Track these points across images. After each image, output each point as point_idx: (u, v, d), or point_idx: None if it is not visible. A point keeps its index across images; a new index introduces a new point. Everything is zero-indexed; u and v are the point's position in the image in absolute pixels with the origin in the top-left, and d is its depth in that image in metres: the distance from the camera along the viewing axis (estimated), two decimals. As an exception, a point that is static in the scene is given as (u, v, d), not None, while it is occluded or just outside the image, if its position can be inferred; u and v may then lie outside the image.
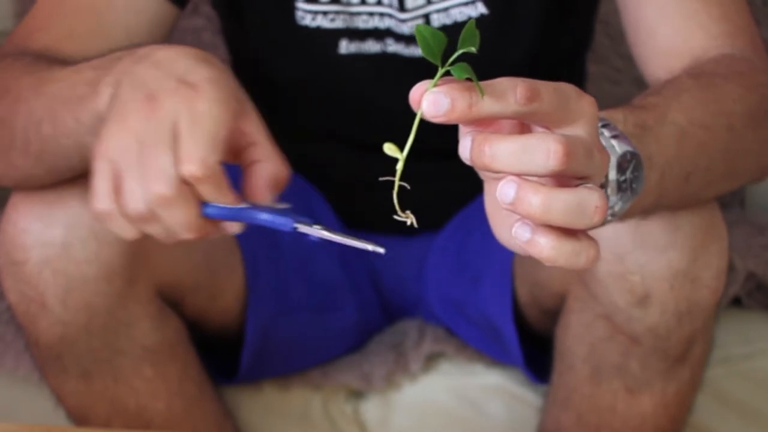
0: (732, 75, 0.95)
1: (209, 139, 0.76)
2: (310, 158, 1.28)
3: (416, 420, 1.25)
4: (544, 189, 0.65)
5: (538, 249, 0.66)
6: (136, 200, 0.77)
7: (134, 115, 0.77)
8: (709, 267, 0.98)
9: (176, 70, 0.79)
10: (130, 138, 0.76)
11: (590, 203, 0.65)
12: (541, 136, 0.65)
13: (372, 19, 1.15)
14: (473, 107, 0.65)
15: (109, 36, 1.06)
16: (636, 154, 0.76)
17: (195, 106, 0.76)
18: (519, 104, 0.65)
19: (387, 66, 1.17)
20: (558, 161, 0.64)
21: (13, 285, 0.99)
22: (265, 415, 1.24)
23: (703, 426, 1.25)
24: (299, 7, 1.15)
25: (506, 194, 0.65)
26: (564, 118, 0.67)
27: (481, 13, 1.14)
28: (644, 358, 1.03)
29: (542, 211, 0.65)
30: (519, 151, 0.65)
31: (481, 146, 0.65)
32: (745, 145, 0.94)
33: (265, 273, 1.17)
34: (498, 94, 0.65)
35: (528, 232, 0.66)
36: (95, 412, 1.08)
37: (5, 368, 1.27)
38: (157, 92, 0.77)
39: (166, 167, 0.75)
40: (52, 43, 1.03)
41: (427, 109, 0.65)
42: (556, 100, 0.66)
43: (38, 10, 1.07)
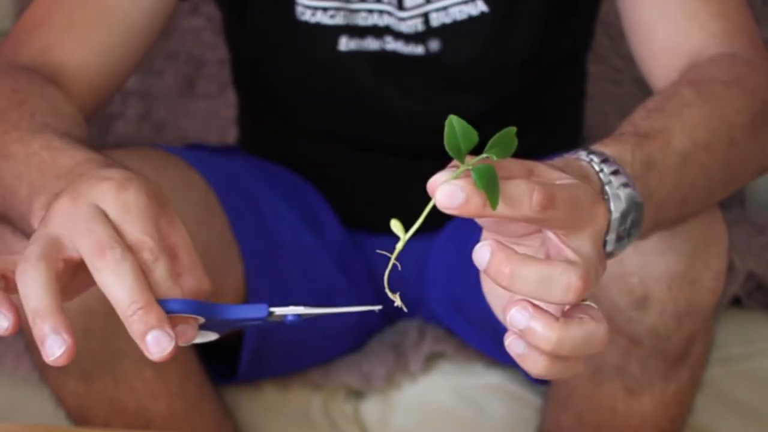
0: (733, 79, 0.95)
1: (150, 224, 0.71)
2: (310, 157, 1.28)
3: (416, 420, 1.25)
4: (558, 326, 0.65)
5: (530, 365, 0.67)
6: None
7: (53, 212, 0.72)
8: (708, 269, 0.98)
9: (97, 188, 0.73)
10: (51, 235, 0.71)
11: (597, 338, 0.66)
12: (564, 269, 0.65)
13: (371, 16, 1.15)
14: (486, 208, 0.64)
15: (109, 27, 1.06)
16: (639, 204, 0.76)
17: (122, 197, 0.72)
18: (533, 212, 0.65)
19: (386, 63, 1.17)
20: (576, 296, 0.65)
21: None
22: (265, 415, 1.24)
23: (703, 426, 1.25)
24: (299, 2, 1.15)
25: (518, 321, 0.66)
26: (574, 227, 0.67)
27: (481, 11, 1.14)
28: (644, 359, 1.03)
29: (553, 347, 0.65)
30: (540, 280, 0.65)
31: (501, 265, 0.65)
32: (745, 154, 0.94)
33: (264, 272, 1.17)
34: (514, 199, 0.65)
35: (521, 348, 0.67)
36: (95, 413, 1.08)
37: (5, 368, 1.27)
38: (77, 190, 0.73)
39: (108, 233, 0.70)
40: (52, 38, 1.03)
41: (441, 199, 0.65)
42: (570, 210, 0.66)
43: (35, 6, 1.07)
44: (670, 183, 0.83)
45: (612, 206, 0.74)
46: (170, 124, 1.65)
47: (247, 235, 1.16)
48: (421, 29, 1.15)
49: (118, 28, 1.06)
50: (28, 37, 1.04)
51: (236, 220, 1.15)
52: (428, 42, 1.16)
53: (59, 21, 1.05)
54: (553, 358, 0.67)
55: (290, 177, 1.28)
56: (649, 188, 0.80)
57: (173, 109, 1.65)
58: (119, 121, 1.64)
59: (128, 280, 0.69)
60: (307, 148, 1.27)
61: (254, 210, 1.20)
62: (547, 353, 0.66)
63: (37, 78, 0.99)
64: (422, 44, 1.16)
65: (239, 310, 0.72)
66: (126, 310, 0.69)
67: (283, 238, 1.21)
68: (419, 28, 1.15)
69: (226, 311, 0.72)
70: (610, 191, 0.74)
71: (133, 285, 0.69)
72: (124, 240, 0.71)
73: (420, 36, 1.15)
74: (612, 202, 0.74)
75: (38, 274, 0.70)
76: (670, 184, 0.84)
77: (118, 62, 1.07)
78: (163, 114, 1.66)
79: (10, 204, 0.87)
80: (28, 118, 0.90)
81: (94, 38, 1.05)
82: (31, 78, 0.98)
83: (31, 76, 0.99)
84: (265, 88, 1.27)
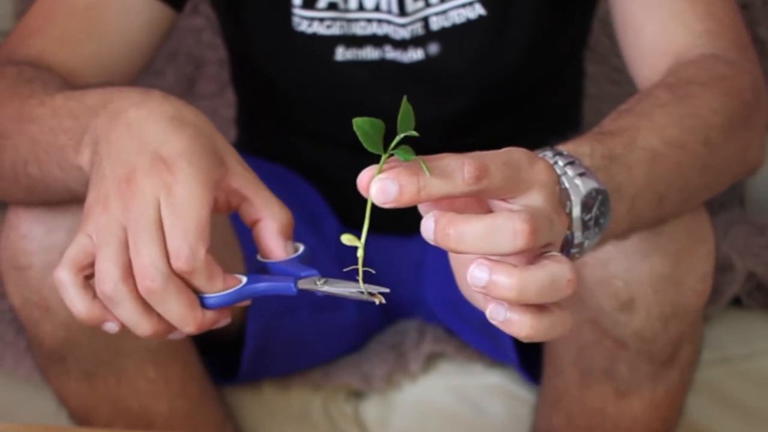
0: (712, 81, 0.94)
1: (193, 230, 0.74)
2: (308, 158, 1.28)
3: (416, 420, 1.25)
4: (517, 271, 0.64)
5: (516, 328, 0.66)
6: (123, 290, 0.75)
7: (114, 197, 0.75)
8: (694, 271, 0.97)
9: (149, 139, 0.77)
10: (113, 224, 0.75)
11: (562, 278, 0.66)
12: (506, 217, 0.64)
13: (370, 25, 1.15)
14: (422, 191, 0.64)
15: (105, 39, 1.06)
16: (602, 191, 0.75)
17: (173, 191, 0.74)
18: (468, 183, 0.64)
19: (385, 72, 1.17)
20: (525, 240, 0.64)
21: (17, 289, 0.99)
22: (265, 415, 1.24)
23: (703, 426, 1.25)
24: (296, 12, 1.15)
25: (478, 278, 0.65)
26: (517, 188, 0.67)
27: (479, 14, 1.14)
28: (632, 362, 1.03)
29: (517, 293, 0.64)
30: (485, 232, 0.64)
31: (445, 229, 0.65)
32: (723, 155, 0.93)
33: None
34: (446, 174, 0.64)
35: (502, 313, 0.66)
36: (98, 413, 1.08)
37: (5, 368, 1.27)
38: (134, 172, 0.75)
39: (154, 260, 0.74)
40: (46, 47, 1.03)
41: (376, 196, 0.65)
42: (506, 173, 0.66)
43: (34, 13, 1.07)
44: (640, 178, 0.82)
45: (571, 196, 0.73)
46: (170, 124, 1.65)
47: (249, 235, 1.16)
48: (421, 33, 1.15)
49: (113, 41, 1.06)
50: (23, 43, 1.05)
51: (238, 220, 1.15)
52: (428, 46, 1.16)
53: (55, 30, 1.05)
54: (535, 314, 0.66)
55: (289, 176, 1.28)
56: (614, 181, 0.79)
57: (173, 109, 1.65)
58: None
59: (173, 306, 0.75)
60: (305, 149, 1.27)
61: None
62: (517, 302, 0.65)
63: (41, 68, 0.99)
64: (422, 48, 1.16)
65: (269, 287, 0.78)
66: (182, 329, 0.76)
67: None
68: (419, 32, 1.15)
69: (258, 291, 0.78)
70: (567, 182, 0.74)
71: (179, 309, 0.75)
72: (167, 245, 0.74)
73: (420, 40, 1.15)
74: (571, 192, 0.73)
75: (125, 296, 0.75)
76: (641, 180, 0.83)
77: (112, 74, 1.07)
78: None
79: (46, 161, 0.87)
80: (41, 86, 0.91)
81: (89, 50, 1.05)
82: (33, 66, 0.99)
83: (32, 66, 0.99)
84: (263, 91, 1.27)
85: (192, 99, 1.65)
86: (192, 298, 0.75)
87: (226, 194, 0.79)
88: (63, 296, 0.77)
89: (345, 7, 1.15)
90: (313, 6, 1.15)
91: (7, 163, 0.92)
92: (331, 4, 1.15)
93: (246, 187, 0.80)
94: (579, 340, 1.04)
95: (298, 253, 0.80)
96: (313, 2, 1.15)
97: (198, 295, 0.76)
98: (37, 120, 0.88)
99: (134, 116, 0.79)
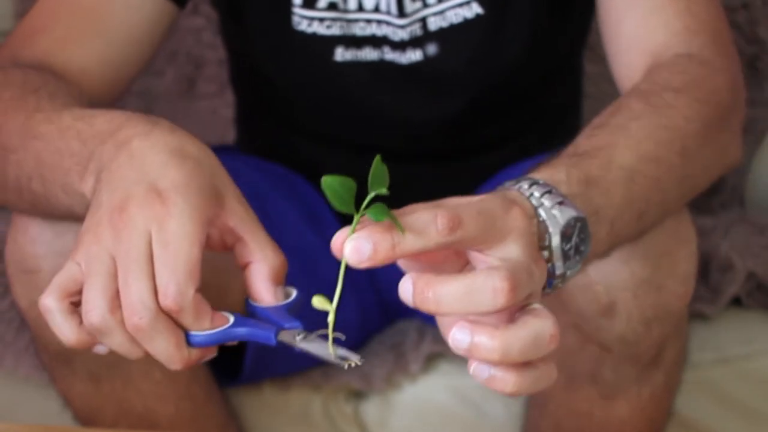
0: (686, 86, 0.93)
1: (183, 269, 0.73)
2: (308, 157, 1.28)
3: (416, 420, 1.25)
4: (499, 333, 0.64)
5: (501, 386, 0.66)
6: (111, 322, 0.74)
7: (106, 226, 0.74)
8: (675, 273, 0.97)
9: (148, 170, 0.76)
10: (103, 253, 0.74)
11: (545, 335, 0.65)
12: (485, 275, 0.64)
13: (369, 26, 1.15)
14: (396, 247, 0.64)
15: (109, 36, 1.06)
16: (581, 218, 0.74)
17: (165, 226, 0.73)
18: (442, 236, 0.64)
19: (383, 73, 1.17)
20: (505, 298, 0.64)
21: (25, 293, 0.99)
22: (266, 415, 1.24)
23: (703, 426, 1.25)
24: (296, 12, 1.15)
25: (460, 341, 0.64)
26: (492, 238, 0.66)
27: (476, 13, 1.14)
28: (616, 365, 1.03)
29: (500, 355, 0.64)
30: (464, 293, 0.64)
31: (424, 292, 0.64)
32: (700, 162, 0.92)
33: None
34: (419, 229, 0.64)
35: (486, 371, 0.66)
36: (103, 414, 1.08)
37: (5, 368, 1.27)
38: (127, 202, 0.74)
39: (142, 297, 0.73)
40: (51, 46, 1.03)
41: (351, 256, 0.64)
42: (481, 223, 0.65)
43: (37, 11, 1.07)
44: (618, 199, 0.81)
45: (550, 228, 0.72)
46: (170, 124, 1.65)
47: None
48: (419, 34, 1.15)
49: (118, 38, 1.06)
50: (29, 42, 1.04)
51: None
52: (426, 46, 1.16)
53: (59, 29, 1.04)
54: (519, 371, 0.65)
55: (290, 176, 1.28)
56: (593, 205, 0.78)
57: (173, 109, 1.65)
58: (119, 121, 1.63)
59: (160, 344, 0.73)
60: (305, 149, 1.27)
61: (258, 209, 1.20)
62: (501, 363, 0.64)
63: (47, 72, 0.99)
64: (420, 49, 1.16)
65: (250, 333, 0.76)
66: (167, 366, 0.75)
67: (287, 238, 1.21)
68: (418, 33, 1.15)
69: (239, 335, 0.76)
70: (545, 213, 0.72)
71: (166, 347, 0.74)
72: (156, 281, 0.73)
73: (418, 40, 1.15)
74: (548, 223, 0.72)
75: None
76: (620, 200, 0.82)
77: (118, 70, 1.07)
78: (163, 114, 1.65)
79: (51, 181, 0.87)
80: (47, 99, 0.91)
81: (94, 47, 1.05)
82: (39, 71, 0.98)
83: (38, 70, 0.99)
84: (262, 91, 1.27)
85: (192, 99, 1.66)
86: (179, 337, 0.74)
87: (221, 232, 0.78)
88: (49, 323, 0.77)
89: (345, 8, 1.15)
90: (313, 6, 1.15)
91: (11, 176, 0.91)
92: (331, 4, 1.15)
93: (241, 227, 0.78)
94: (563, 345, 1.03)
95: (287, 302, 0.79)
96: (313, 2, 1.15)
97: (184, 332, 0.75)
98: (43, 137, 0.87)
99: (137, 146, 0.78)
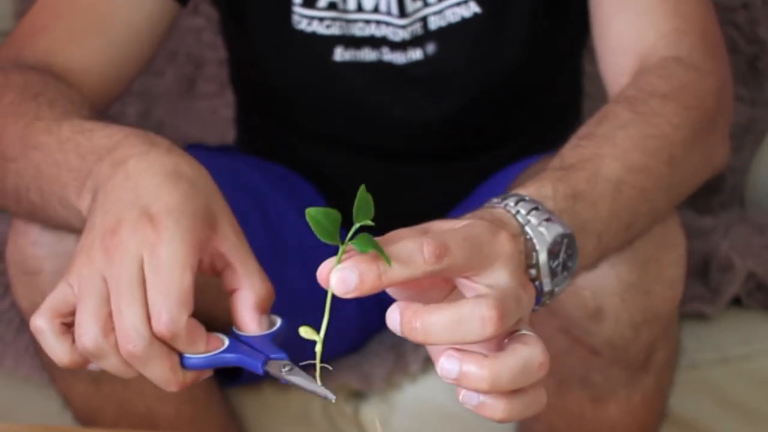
0: (673, 92, 0.93)
1: (175, 296, 0.72)
2: (307, 157, 1.28)
3: (416, 420, 1.25)
4: (488, 362, 0.63)
5: (490, 413, 0.65)
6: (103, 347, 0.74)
7: (98, 248, 0.74)
8: (663, 277, 0.97)
9: (142, 193, 0.75)
10: (95, 275, 0.73)
11: (534, 362, 0.65)
12: (473, 304, 0.63)
13: (368, 26, 1.15)
14: (383, 277, 0.63)
15: (110, 34, 1.06)
16: (568, 234, 0.74)
17: (156, 251, 0.73)
18: (429, 264, 0.63)
19: (382, 74, 1.17)
20: (494, 327, 0.63)
21: (26, 294, 0.99)
22: (265, 415, 1.24)
23: (703, 426, 1.25)
24: (296, 11, 1.15)
25: (449, 370, 0.64)
26: (480, 264, 0.65)
27: (474, 13, 1.14)
28: (605, 369, 1.03)
29: (489, 384, 0.64)
30: (452, 323, 0.63)
31: (411, 322, 0.64)
32: (688, 168, 0.92)
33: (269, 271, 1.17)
34: (405, 258, 0.63)
35: (475, 398, 0.65)
36: (103, 415, 1.08)
37: (5, 368, 1.27)
38: (120, 225, 0.74)
39: (135, 324, 0.72)
40: (52, 45, 1.03)
41: (337, 286, 0.64)
42: (467, 250, 0.65)
43: (38, 9, 1.07)
44: (605, 212, 0.81)
45: (537, 245, 0.72)
46: (170, 123, 1.65)
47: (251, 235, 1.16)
48: (420, 33, 1.15)
49: (119, 36, 1.06)
50: (30, 41, 1.04)
51: (241, 219, 1.15)
52: (426, 46, 1.16)
53: (61, 27, 1.04)
54: (508, 398, 0.65)
55: (290, 176, 1.28)
56: (579, 219, 0.78)
57: (173, 108, 1.65)
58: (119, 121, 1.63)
59: (155, 369, 0.74)
60: (304, 149, 1.27)
61: (258, 209, 1.20)
62: (490, 392, 0.64)
63: (47, 74, 0.99)
64: (420, 48, 1.16)
65: (240, 360, 0.76)
66: (163, 388, 0.75)
67: (287, 238, 1.21)
68: (419, 32, 1.15)
69: (231, 361, 0.76)
70: (531, 231, 0.72)
71: (160, 372, 0.74)
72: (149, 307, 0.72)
73: (419, 40, 1.15)
74: (536, 241, 0.72)
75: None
76: (607, 213, 0.81)
77: (119, 69, 1.07)
78: (163, 114, 1.66)
79: (49, 193, 0.87)
80: (47, 107, 0.90)
81: (95, 46, 1.05)
82: (41, 74, 0.98)
83: (39, 72, 0.99)
84: (262, 91, 1.27)
85: (192, 99, 1.66)
86: (174, 362, 0.74)
87: (211, 257, 0.78)
88: (41, 343, 0.76)
89: (344, 8, 1.15)
90: (313, 5, 1.15)
91: (10, 185, 0.91)
92: (331, 3, 1.15)
93: (232, 253, 0.78)
94: (552, 348, 1.03)
95: (271, 331, 0.78)
96: (313, 1, 1.15)
97: (179, 354, 0.74)
98: (42, 148, 0.87)
99: (133, 167, 0.77)
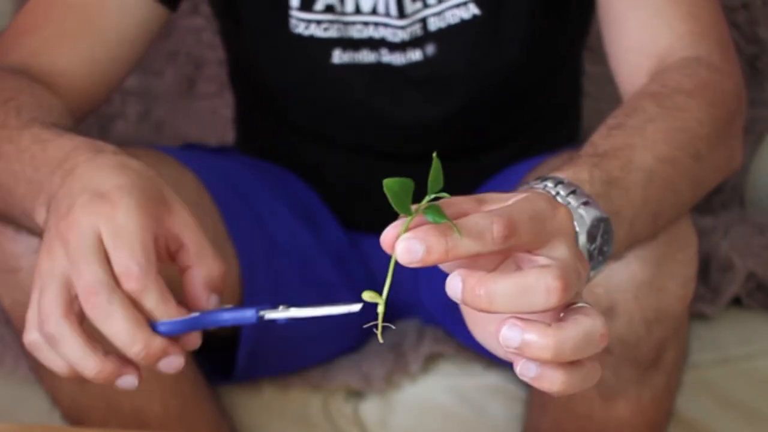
0: (697, 89, 0.94)
1: (140, 249, 0.72)
2: (307, 158, 1.28)
3: (416, 420, 1.25)
4: (552, 331, 0.63)
5: (548, 384, 0.64)
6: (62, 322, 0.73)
7: (54, 238, 0.74)
8: (675, 276, 0.97)
9: (90, 180, 0.76)
10: (55, 266, 0.73)
11: (596, 332, 0.64)
12: (538, 274, 0.63)
13: (366, 29, 1.15)
14: (450, 251, 0.62)
15: (99, 37, 1.06)
16: (605, 219, 0.74)
17: (113, 219, 0.73)
18: (497, 243, 0.63)
19: (381, 76, 1.17)
20: (558, 297, 0.63)
21: (7, 292, 1.00)
22: (265, 415, 1.24)
23: (703, 426, 1.25)
24: (293, 14, 1.15)
25: (511, 339, 0.63)
26: (542, 240, 0.65)
27: (473, 14, 1.14)
28: (616, 367, 1.03)
29: (553, 353, 0.63)
30: (517, 292, 0.63)
31: (475, 289, 0.63)
32: (711, 165, 0.93)
33: (260, 270, 1.17)
34: (475, 234, 0.63)
35: (533, 370, 0.64)
36: (91, 414, 1.08)
37: (5, 368, 1.27)
38: (71, 208, 0.74)
39: (97, 275, 0.72)
40: (39, 46, 1.03)
41: (402, 255, 0.63)
42: (534, 228, 0.65)
43: (29, 10, 1.08)
44: (637, 200, 0.82)
45: (577, 228, 0.72)
46: (170, 123, 1.65)
47: (242, 234, 1.16)
48: (420, 34, 1.15)
49: (108, 39, 1.06)
50: (17, 42, 1.05)
51: (231, 219, 1.15)
52: (425, 47, 1.16)
53: (49, 29, 1.05)
54: (567, 369, 0.64)
55: (288, 177, 1.28)
56: (614, 206, 0.79)
57: (173, 108, 1.65)
58: (119, 121, 1.64)
59: (120, 322, 0.72)
60: (303, 150, 1.27)
61: (250, 209, 1.20)
62: (552, 362, 0.64)
63: (23, 77, 0.99)
64: (420, 50, 1.16)
65: (228, 316, 0.75)
66: (129, 352, 0.73)
67: (280, 238, 1.21)
68: (418, 33, 1.15)
69: (215, 320, 0.75)
70: (572, 212, 0.71)
71: (126, 326, 0.72)
72: (114, 269, 0.72)
73: (418, 41, 1.15)
74: (576, 223, 0.72)
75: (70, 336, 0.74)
76: (638, 201, 0.82)
77: (106, 72, 1.08)
78: (163, 114, 1.66)
79: (11, 203, 0.88)
80: (14, 114, 0.91)
81: (83, 49, 1.05)
82: (17, 77, 0.99)
83: (17, 75, 0.99)
84: (261, 92, 1.28)
85: (192, 99, 1.66)
86: (139, 317, 0.73)
87: (165, 239, 0.78)
88: (39, 358, 0.77)
89: (342, 10, 1.15)
90: (310, 8, 1.15)
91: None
92: (328, 6, 1.15)
93: (185, 233, 0.78)
94: None
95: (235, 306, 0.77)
96: (310, 4, 1.15)
97: (150, 323, 0.74)
98: (3, 157, 0.88)
99: (82, 168, 0.78)
